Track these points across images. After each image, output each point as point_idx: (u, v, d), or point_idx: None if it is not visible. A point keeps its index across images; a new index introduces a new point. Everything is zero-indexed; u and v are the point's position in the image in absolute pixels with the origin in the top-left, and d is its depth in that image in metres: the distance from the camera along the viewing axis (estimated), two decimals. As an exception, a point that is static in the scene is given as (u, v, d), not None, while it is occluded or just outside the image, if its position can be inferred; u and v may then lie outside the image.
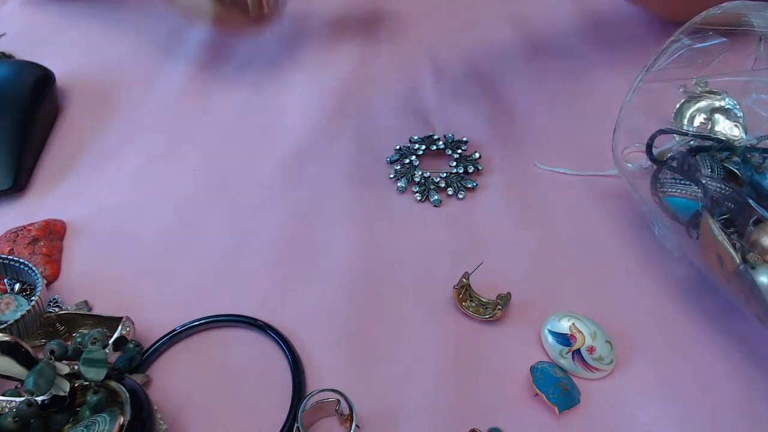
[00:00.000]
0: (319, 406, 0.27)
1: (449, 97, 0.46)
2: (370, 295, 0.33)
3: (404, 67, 0.50)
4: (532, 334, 0.31)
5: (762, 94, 0.34)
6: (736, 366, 0.29)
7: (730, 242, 0.27)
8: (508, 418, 0.28)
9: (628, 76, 0.33)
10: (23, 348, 0.25)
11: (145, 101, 0.48)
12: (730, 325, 0.31)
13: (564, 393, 0.27)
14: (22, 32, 0.57)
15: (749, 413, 0.27)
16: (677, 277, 0.33)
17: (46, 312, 0.31)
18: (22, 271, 0.33)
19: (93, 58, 0.53)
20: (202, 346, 0.32)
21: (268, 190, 0.40)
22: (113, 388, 0.26)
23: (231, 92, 0.48)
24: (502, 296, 0.32)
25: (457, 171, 0.39)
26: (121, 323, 0.30)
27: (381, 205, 0.38)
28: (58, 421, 0.26)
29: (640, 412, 0.28)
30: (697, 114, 0.36)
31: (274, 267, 0.35)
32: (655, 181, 0.33)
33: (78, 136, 0.45)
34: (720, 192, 0.30)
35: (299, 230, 0.37)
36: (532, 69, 0.48)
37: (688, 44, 0.33)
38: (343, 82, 0.48)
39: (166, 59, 0.52)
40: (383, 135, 0.43)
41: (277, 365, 0.30)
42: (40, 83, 0.45)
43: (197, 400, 0.29)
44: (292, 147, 0.43)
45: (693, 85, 0.36)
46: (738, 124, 0.35)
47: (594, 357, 0.29)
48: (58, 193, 0.41)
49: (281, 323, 0.32)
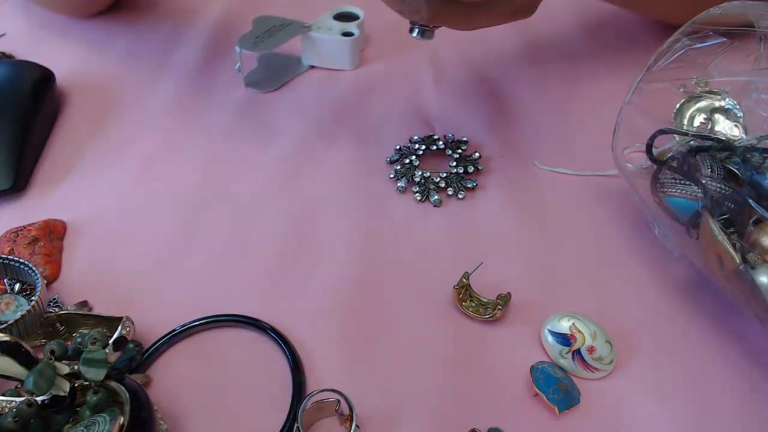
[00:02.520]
0: (319, 406, 0.27)
1: (449, 98, 0.46)
2: (370, 295, 0.33)
3: (405, 67, 0.50)
4: (532, 334, 0.31)
5: (762, 94, 0.34)
6: (736, 366, 0.29)
7: (730, 242, 0.27)
8: (508, 418, 0.28)
9: (628, 77, 0.33)
10: (23, 348, 0.25)
11: (145, 101, 0.48)
12: (730, 325, 0.31)
13: (564, 393, 0.27)
14: (22, 32, 0.57)
15: (749, 413, 0.27)
16: (677, 277, 0.33)
17: (46, 312, 0.31)
18: (22, 271, 0.33)
19: (93, 58, 0.53)
20: (202, 346, 0.32)
21: (268, 190, 0.40)
22: (113, 388, 0.26)
23: (231, 92, 0.48)
24: (502, 296, 0.32)
25: (457, 171, 0.39)
26: (121, 323, 0.30)
27: (381, 205, 0.38)
28: (58, 421, 0.26)
29: (640, 411, 0.28)
30: (697, 114, 0.36)
31: (274, 267, 0.35)
32: (655, 181, 0.33)
33: (78, 136, 0.45)
34: (720, 192, 0.30)
35: (299, 230, 0.37)
36: (532, 69, 0.48)
37: (688, 44, 0.33)
38: (343, 82, 0.48)
39: (166, 59, 0.52)
40: (383, 135, 0.43)
41: (277, 365, 0.30)
42: (40, 83, 0.45)
43: (197, 400, 0.29)
44: (292, 147, 0.43)
45: (693, 85, 0.36)
46: (738, 124, 0.35)
47: (594, 357, 0.29)
48: (58, 193, 0.41)
49: (281, 323, 0.32)
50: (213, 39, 0.54)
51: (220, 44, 0.53)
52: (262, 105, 0.47)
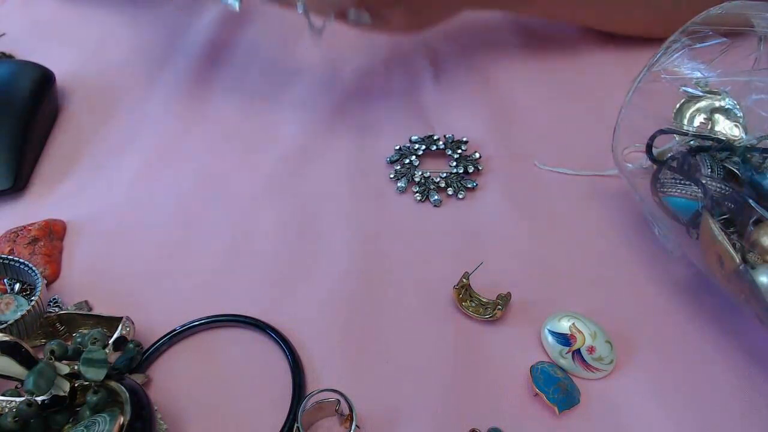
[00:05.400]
0: (319, 406, 0.27)
1: (449, 97, 0.46)
2: (370, 295, 0.33)
3: (404, 66, 0.50)
4: (532, 334, 0.31)
5: (762, 94, 0.34)
6: (736, 366, 0.29)
7: (730, 242, 0.27)
8: (508, 418, 0.28)
9: (628, 76, 0.33)
10: (23, 348, 0.25)
11: (145, 101, 0.48)
12: (730, 325, 0.31)
13: (564, 393, 0.27)
14: (22, 32, 0.57)
15: (749, 413, 0.27)
16: (677, 277, 0.33)
17: (46, 312, 0.31)
18: (22, 271, 0.33)
19: (93, 58, 0.53)
20: (202, 346, 0.32)
21: (268, 190, 0.40)
22: (113, 388, 0.26)
23: (231, 92, 0.48)
24: (502, 296, 0.32)
25: (457, 171, 0.39)
26: (121, 323, 0.30)
27: (381, 205, 0.38)
28: (58, 421, 0.26)
29: (640, 411, 0.28)
30: (697, 114, 0.36)
31: (274, 267, 0.35)
32: (655, 181, 0.33)
33: (78, 136, 0.45)
34: (720, 192, 0.30)
35: (299, 230, 0.37)
36: (532, 69, 0.48)
37: (688, 44, 0.33)
38: (343, 82, 0.48)
39: (166, 59, 0.52)
40: (383, 135, 0.43)
41: (277, 365, 0.30)
42: (40, 83, 0.45)
43: (197, 400, 0.29)
44: (292, 147, 0.43)
45: (693, 85, 0.36)
46: (738, 124, 0.35)
47: (594, 357, 0.29)
48: (58, 193, 0.41)
49: (281, 323, 0.32)
50: (213, 39, 0.54)
51: (220, 44, 0.53)
52: (262, 105, 0.47)
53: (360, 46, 0.52)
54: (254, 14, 0.51)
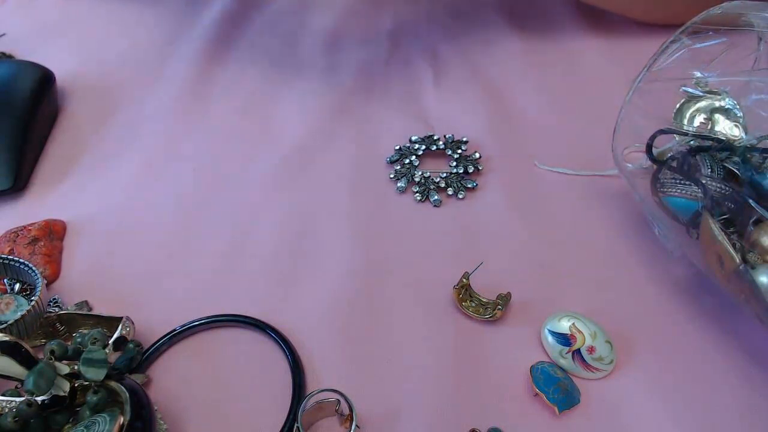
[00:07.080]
0: (319, 406, 0.27)
1: (449, 97, 0.46)
2: (370, 295, 0.33)
3: (404, 66, 0.50)
4: (532, 334, 0.31)
5: (762, 94, 0.34)
6: (736, 366, 0.29)
7: (730, 242, 0.27)
8: (508, 418, 0.28)
9: (628, 76, 0.33)
10: (23, 348, 0.25)
11: (145, 101, 0.48)
12: (730, 325, 0.31)
13: (564, 393, 0.27)
14: (22, 32, 0.57)
15: (749, 413, 0.27)
16: (677, 277, 0.33)
17: (46, 312, 0.31)
18: (22, 271, 0.33)
19: (93, 58, 0.53)
20: (202, 346, 0.32)
21: (268, 190, 0.40)
22: (113, 388, 0.26)
23: (231, 92, 0.48)
24: (502, 296, 0.32)
25: (457, 171, 0.39)
26: (121, 323, 0.30)
27: (381, 205, 0.38)
28: (58, 421, 0.26)
29: (640, 412, 0.28)
30: (697, 114, 0.36)
31: (274, 267, 0.35)
32: (655, 181, 0.33)
33: (78, 136, 0.45)
34: (720, 192, 0.30)
35: (299, 230, 0.37)
36: (532, 69, 0.48)
37: (688, 44, 0.33)
38: (343, 82, 0.48)
39: (166, 59, 0.52)
40: (383, 135, 0.43)
41: (277, 365, 0.30)
42: (40, 83, 0.45)
43: (197, 399, 0.29)
44: (292, 147, 0.43)
45: (693, 84, 0.36)
46: (738, 124, 0.35)
47: (594, 357, 0.29)
48: (58, 193, 0.41)
49: (281, 323, 0.32)
50: (213, 39, 0.54)
51: (219, 44, 0.53)
52: (262, 105, 0.47)
53: (360, 45, 0.52)
54: (254, 13, 0.51)
